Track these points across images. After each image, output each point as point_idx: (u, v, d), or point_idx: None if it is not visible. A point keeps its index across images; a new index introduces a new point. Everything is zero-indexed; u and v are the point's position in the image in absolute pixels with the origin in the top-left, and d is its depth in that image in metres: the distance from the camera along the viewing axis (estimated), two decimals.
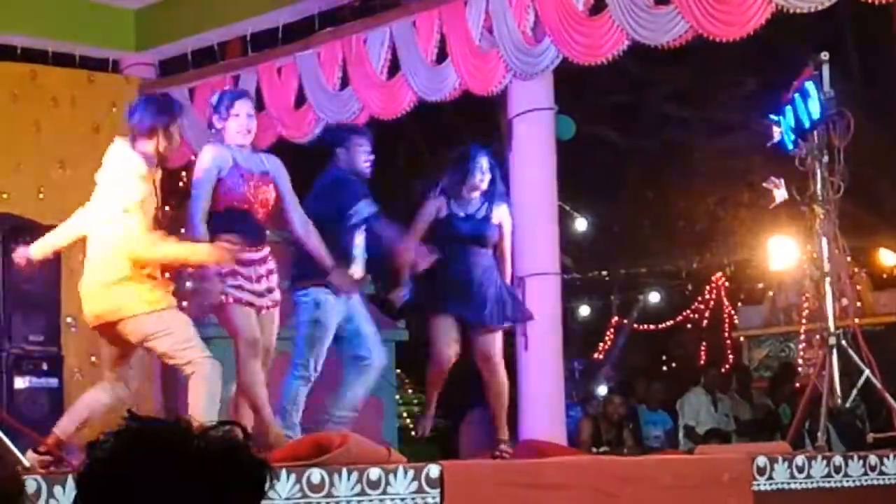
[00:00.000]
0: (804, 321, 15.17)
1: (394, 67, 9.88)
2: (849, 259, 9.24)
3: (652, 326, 20.50)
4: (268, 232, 6.90)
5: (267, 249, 6.74)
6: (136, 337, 6.11)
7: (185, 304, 6.65)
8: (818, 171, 7.67)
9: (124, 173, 6.18)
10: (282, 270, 6.99)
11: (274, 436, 6.48)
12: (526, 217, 9.13)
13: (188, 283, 6.72)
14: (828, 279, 7.73)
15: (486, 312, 7.57)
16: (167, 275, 6.32)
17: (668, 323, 20.12)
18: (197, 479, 1.88)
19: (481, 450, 8.98)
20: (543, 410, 9.50)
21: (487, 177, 7.87)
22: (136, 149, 6.24)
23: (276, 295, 6.74)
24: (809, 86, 7.62)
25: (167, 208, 11.56)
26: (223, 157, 6.65)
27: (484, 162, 7.90)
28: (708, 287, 19.37)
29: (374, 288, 13.42)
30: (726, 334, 18.39)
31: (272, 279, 6.71)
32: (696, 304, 19.53)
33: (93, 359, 10.83)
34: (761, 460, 6.42)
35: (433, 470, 5.34)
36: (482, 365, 7.68)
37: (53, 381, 9.12)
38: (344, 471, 5.09)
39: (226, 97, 6.97)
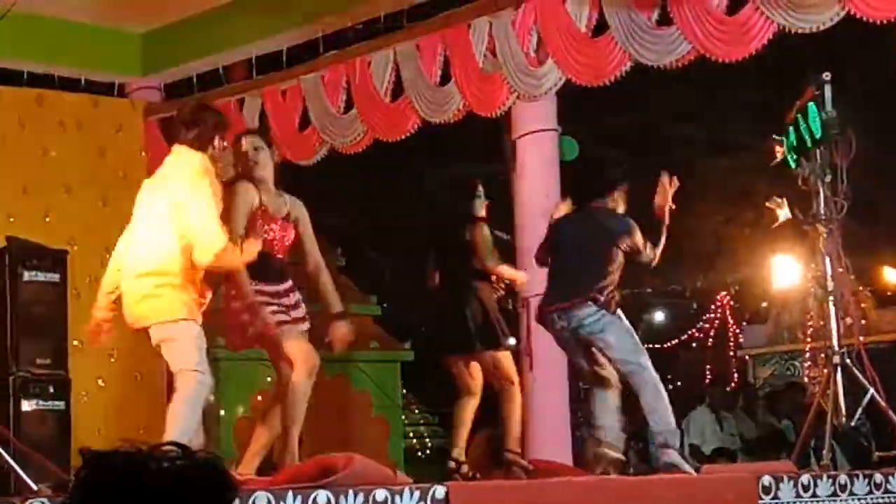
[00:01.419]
0: (809, 339, 15.18)
1: (398, 90, 9.93)
2: (853, 277, 9.25)
3: (657, 345, 20.49)
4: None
5: (289, 283, 6.80)
6: (154, 340, 6.16)
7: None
8: (821, 191, 7.69)
9: (205, 180, 6.23)
10: None
11: (290, 458, 6.49)
12: (529, 238, 9.15)
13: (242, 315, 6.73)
14: (832, 298, 7.74)
15: None
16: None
17: (673, 342, 20.12)
18: (159, 501, 1.91)
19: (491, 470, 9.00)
20: (550, 430, 9.51)
21: None
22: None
23: (307, 324, 6.82)
24: (811, 105, 7.65)
25: None
26: (252, 196, 6.69)
27: None
28: (713, 306, 19.38)
29: (381, 309, 13.46)
30: (731, 353, 18.39)
31: (301, 309, 6.78)
32: (700, 322, 19.53)
33: (100, 381, 10.88)
34: (766, 479, 6.43)
35: (439, 490, 5.35)
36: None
37: (60, 404, 9.13)
38: (350, 492, 5.11)
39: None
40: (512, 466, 7.55)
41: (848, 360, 7.57)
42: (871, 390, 7.43)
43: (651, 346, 20.69)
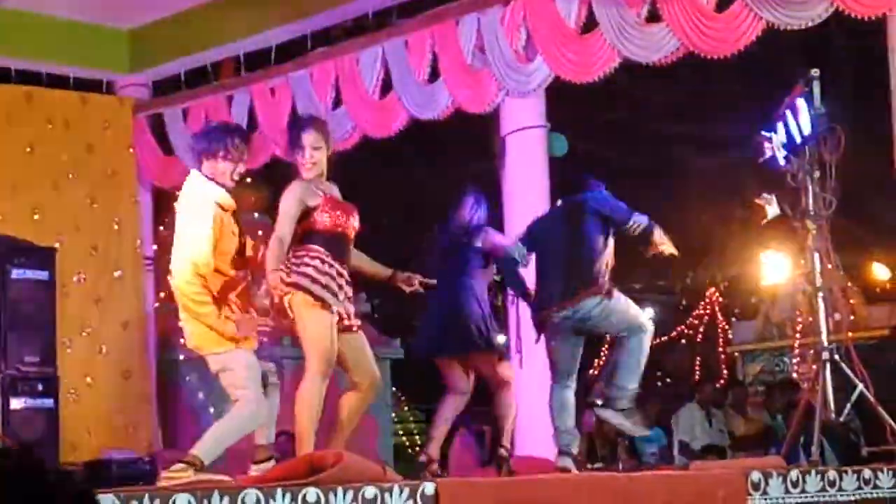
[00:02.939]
0: (798, 336, 15.18)
1: (386, 86, 9.93)
2: (841, 274, 9.25)
3: None
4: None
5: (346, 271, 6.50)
6: (212, 369, 6.14)
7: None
8: (810, 187, 7.69)
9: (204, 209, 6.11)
10: None
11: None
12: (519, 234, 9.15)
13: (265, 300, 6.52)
14: (821, 294, 7.74)
15: None
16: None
17: (662, 338, 20.13)
18: None
19: (475, 468, 8.98)
20: (538, 427, 9.50)
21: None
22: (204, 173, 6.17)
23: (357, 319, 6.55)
24: (800, 102, 7.64)
25: (161, 227, 11.62)
26: (310, 192, 6.45)
27: None
28: (702, 302, 19.40)
29: (371, 306, 13.45)
30: (720, 349, 18.40)
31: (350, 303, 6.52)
32: (690, 319, 19.55)
33: (88, 379, 10.87)
34: (756, 475, 6.43)
35: (428, 487, 5.34)
36: None
37: (49, 402, 9.14)
38: (339, 489, 5.10)
39: (293, 126, 6.78)
40: (503, 463, 7.52)
41: (837, 357, 7.57)
42: (860, 386, 7.43)
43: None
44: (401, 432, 19.83)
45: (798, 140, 7.67)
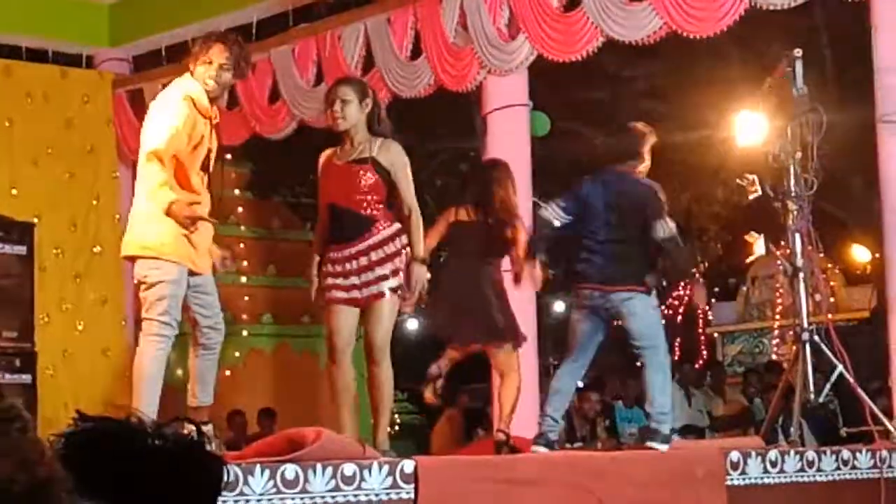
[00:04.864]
0: (778, 317, 15.23)
1: (368, 63, 9.88)
2: (822, 255, 9.26)
3: None
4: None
5: (367, 243, 6.31)
6: (135, 277, 5.87)
7: None
8: (791, 168, 7.68)
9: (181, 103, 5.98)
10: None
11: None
12: None
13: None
14: (801, 275, 7.74)
15: None
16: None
17: None
18: (154, 479, 1.86)
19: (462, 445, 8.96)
20: (521, 407, 9.49)
21: None
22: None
23: (378, 287, 6.32)
24: (782, 83, 7.63)
25: None
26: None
27: None
28: (682, 283, 19.43)
29: None
30: (700, 330, 18.45)
31: (370, 272, 6.30)
32: (669, 299, 19.57)
33: (65, 355, 10.83)
34: (735, 455, 6.44)
35: (407, 465, 5.33)
36: None
37: (26, 378, 9.09)
38: (318, 466, 5.08)
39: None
40: (503, 445, 7.42)
41: (816, 338, 7.57)
42: (840, 367, 7.44)
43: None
44: None
45: (780, 121, 7.66)
